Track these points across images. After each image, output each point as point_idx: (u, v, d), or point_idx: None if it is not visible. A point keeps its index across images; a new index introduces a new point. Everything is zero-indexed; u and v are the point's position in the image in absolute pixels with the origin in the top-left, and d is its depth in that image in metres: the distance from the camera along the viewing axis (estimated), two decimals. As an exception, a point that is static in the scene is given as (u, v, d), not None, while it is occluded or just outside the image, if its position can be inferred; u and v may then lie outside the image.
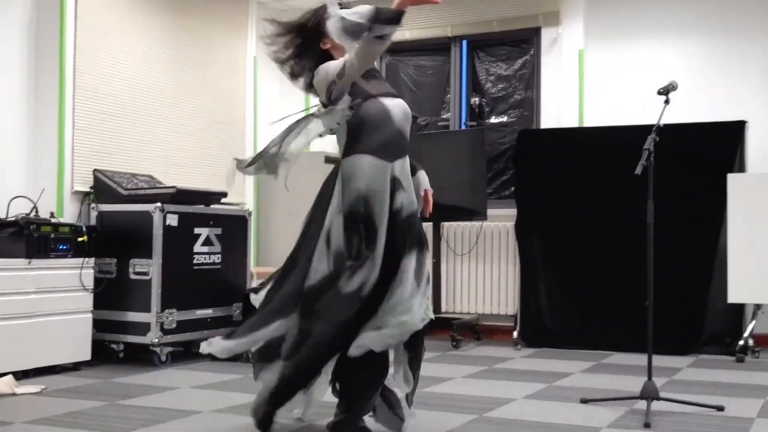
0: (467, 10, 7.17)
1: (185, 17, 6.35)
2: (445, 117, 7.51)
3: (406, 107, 3.30)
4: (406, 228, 3.13)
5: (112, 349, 5.26)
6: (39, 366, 4.67)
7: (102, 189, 5.44)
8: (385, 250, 3.06)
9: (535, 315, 6.45)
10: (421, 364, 3.30)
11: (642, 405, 3.79)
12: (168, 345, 5.30)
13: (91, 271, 5.06)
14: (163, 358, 5.23)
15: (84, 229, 5.02)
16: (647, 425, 3.53)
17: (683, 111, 6.17)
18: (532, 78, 7.16)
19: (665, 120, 4.15)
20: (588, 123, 6.83)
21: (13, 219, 4.71)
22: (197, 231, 5.49)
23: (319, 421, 3.52)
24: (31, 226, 4.64)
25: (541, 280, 6.44)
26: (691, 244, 5.95)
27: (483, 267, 6.97)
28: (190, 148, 6.37)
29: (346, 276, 3.01)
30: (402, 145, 3.23)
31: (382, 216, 3.07)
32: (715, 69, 6.51)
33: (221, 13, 6.71)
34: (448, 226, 7.02)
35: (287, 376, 3.12)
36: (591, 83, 6.90)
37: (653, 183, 4.01)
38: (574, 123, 6.81)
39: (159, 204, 5.20)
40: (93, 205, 5.40)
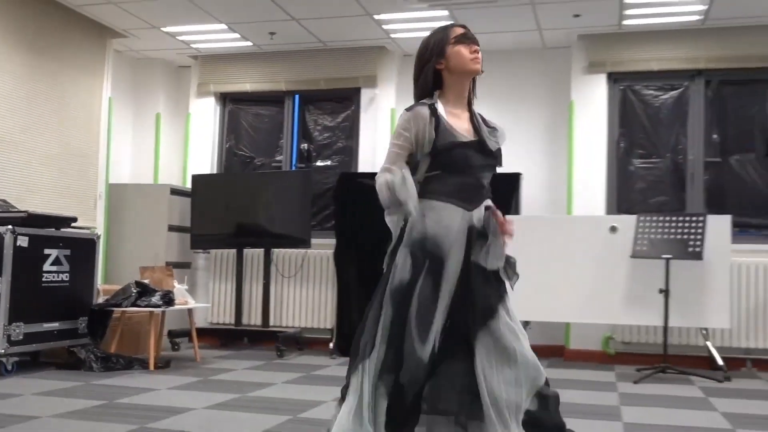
0: (300, 69, 7.23)
1: (45, 60, 6.04)
2: (278, 159, 7.50)
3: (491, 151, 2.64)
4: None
5: (-39, 359, 4.87)
6: None
7: (-44, 211, 5.06)
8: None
9: (348, 329, 6.50)
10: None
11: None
12: (14, 355, 4.95)
13: (-59, 286, 4.67)
14: (9, 368, 4.89)
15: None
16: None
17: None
18: (352, 129, 7.30)
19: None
20: (397, 169, 7.03)
21: None
22: (47, 252, 5.18)
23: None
24: None
25: (354, 299, 6.52)
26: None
27: (306, 287, 6.99)
28: (46, 176, 6.03)
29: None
30: (481, 193, 2.60)
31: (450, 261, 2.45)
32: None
33: (80, 58, 6.42)
34: (277, 252, 7.00)
35: None
36: (400, 136, 7.13)
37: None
38: (385, 168, 6.99)
39: (10, 226, 4.88)
40: (-54, 225, 5.00)
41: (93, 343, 5.43)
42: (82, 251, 5.53)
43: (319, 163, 7.45)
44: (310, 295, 6.98)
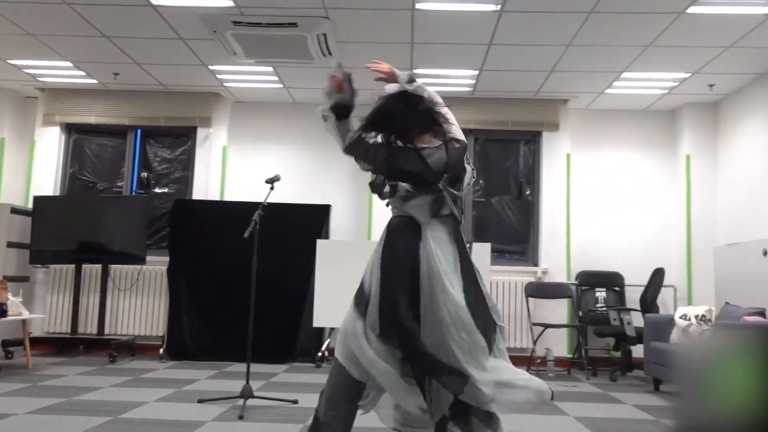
0: (142, 107, 6.80)
1: None
2: (119, 185, 6.98)
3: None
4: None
5: None
6: None
7: None
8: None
9: (178, 336, 6.16)
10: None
11: (242, 402, 3.76)
12: None
13: None
14: None
15: None
16: (241, 417, 3.50)
17: (290, 195, 6.45)
18: (188, 162, 6.96)
19: (279, 200, 4.29)
20: (228, 198, 6.81)
21: None
22: None
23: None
24: None
25: (184, 309, 6.19)
26: (291, 286, 6.11)
27: (141, 299, 6.52)
28: None
29: None
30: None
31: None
32: (312, 167, 6.89)
33: None
34: (115, 267, 6.48)
35: None
36: (231, 171, 6.92)
37: (262, 243, 4.08)
38: (216, 197, 6.74)
39: None
40: None
41: None
42: None
43: (157, 189, 7.03)
44: (144, 305, 6.51)
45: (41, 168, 6.81)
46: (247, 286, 5.94)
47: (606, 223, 6.72)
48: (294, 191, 6.61)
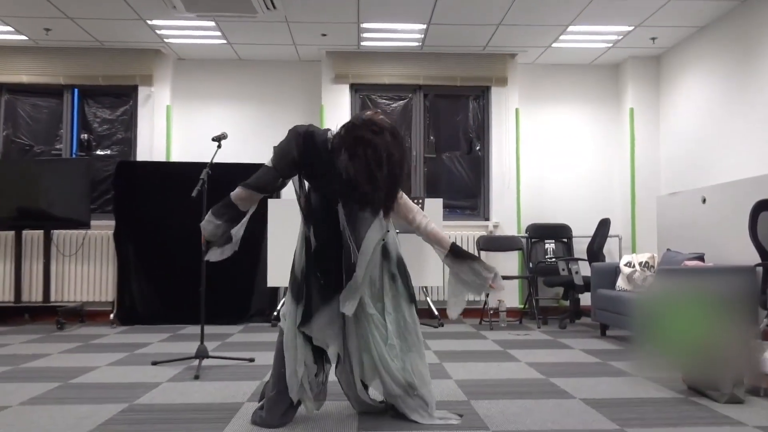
0: (77, 65, 6.47)
1: None
2: (58, 147, 6.67)
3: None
4: None
5: None
6: None
7: None
8: None
9: (128, 301, 6.02)
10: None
11: (197, 362, 3.71)
12: None
13: None
14: None
15: None
16: (197, 377, 3.46)
17: (239, 154, 6.30)
18: (131, 122, 6.70)
19: (226, 159, 4.17)
20: (174, 159, 6.60)
21: None
22: None
23: None
24: None
25: (133, 274, 6.04)
26: (243, 246, 5.92)
27: (87, 265, 6.31)
28: None
29: None
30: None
31: None
32: (261, 127, 6.74)
33: None
34: (57, 233, 6.24)
35: None
36: (176, 131, 6.70)
37: (211, 204, 3.94)
38: (162, 158, 6.53)
39: None
40: None
41: None
42: None
43: (99, 152, 6.75)
44: (91, 271, 6.32)
45: (-28, 131, 6.45)
46: (198, 248, 5.85)
47: (553, 176, 6.83)
48: (242, 150, 6.45)
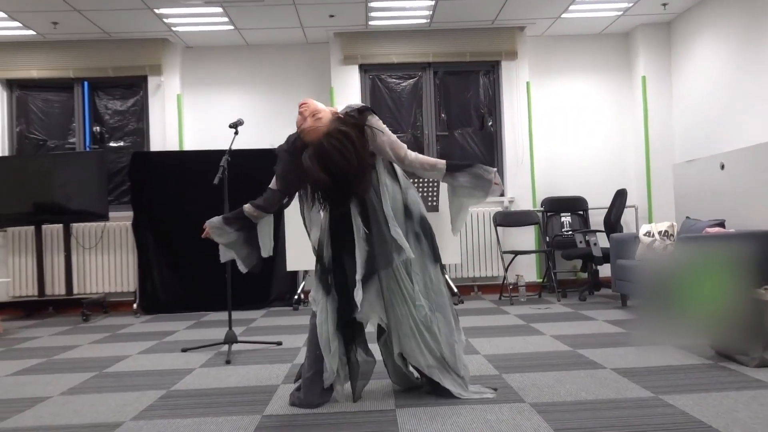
0: (87, 57, 6.48)
1: None
2: (71, 141, 6.71)
3: None
4: None
5: None
6: None
7: None
8: None
9: (151, 290, 6.09)
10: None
11: (226, 348, 3.76)
12: None
13: None
14: None
15: None
16: (228, 362, 3.51)
17: (251, 140, 6.30)
18: (142, 113, 6.72)
19: (240, 146, 4.18)
20: (187, 147, 6.62)
21: None
22: None
23: None
24: None
25: (154, 263, 6.10)
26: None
27: (108, 256, 6.38)
28: None
29: None
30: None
31: None
32: (273, 111, 6.74)
33: None
34: (76, 226, 6.30)
35: None
36: (188, 118, 6.71)
37: (231, 189, 3.99)
38: (175, 147, 6.55)
39: None
40: None
41: None
42: None
43: (112, 144, 6.78)
44: (112, 262, 6.38)
45: (-15, 128, 6.49)
46: (216, 236, 5.91)
47: (567, 149, 6.80)
48: (254, 136, 6.46)
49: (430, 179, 5.81)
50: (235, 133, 4.11)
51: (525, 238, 6.46)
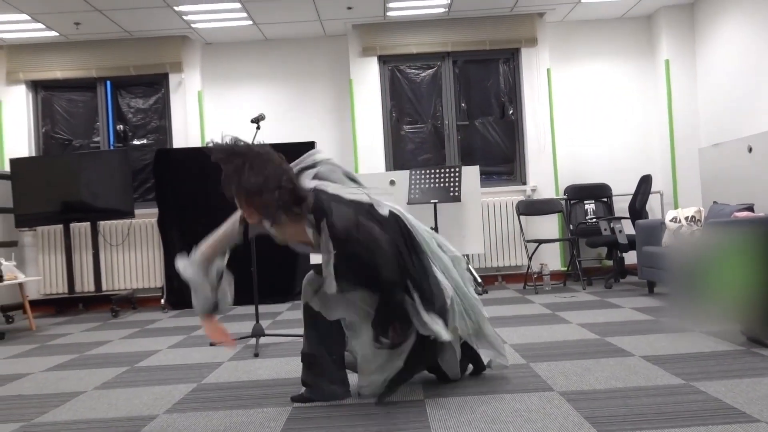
0: (108, 57, 6.56)
1: None
2: (96, 140, 6.81)
3: None
4: None
5: None
6: None
7: None
8: None
9: (177, 285, 6.13)
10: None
11: (254, 341, 3.80)
12: None
13: None
14: None
15: None
16: (256, 354, 3.54)
17: (274, 133, 6.34)
18: (164, 110, 6.79)
19: (261, 140, 4.19)
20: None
21: None
22: None
23: None
24: None
25: (180, 259, 6.16)
26: (284, 225, 6.09)
27: (134, 253, 6.48)
28: None
29: None
30: None
31: None
32: (293, 105, 6.77)
33: None
34: (103, 224, 6.40)
35: None
36: (209, 114, 6.76)
37: (253, 184, 4.01)
38: (197, 143, 6.61)
39: None
40: None
41: None
42: None
43: (135, 142, 6.87)
44: (139, 259, 6.48)
45: (12, 129, 6.60)
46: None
47: (590, 135, 6.73)
48: (275, 130, 6.49)
49: (453, 170, 5.80)
50: (257, 128, 4.12)
51: (548, 226, 6.42)
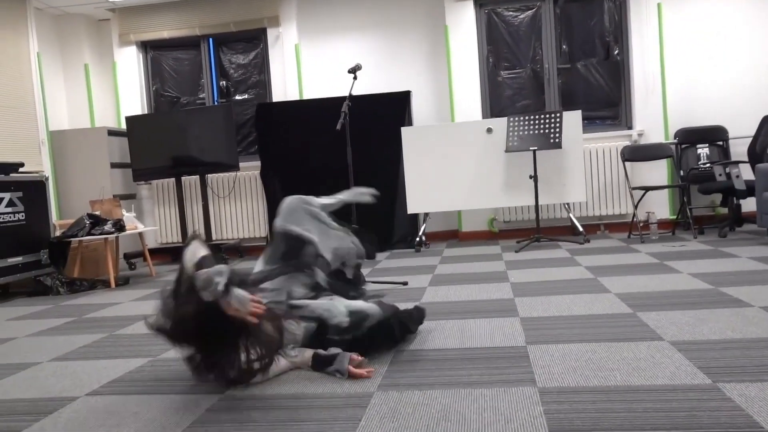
0: (210, 14, 6.76)
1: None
2: (201, 96, 7.09)
3: None
4: None
5: (-67, 299, 4.48)
6: None
7: None
8: None
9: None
10: None
11: (355, 286, 3.89)
12: (-16, 289, 4.62)
13: None
14: (-19, 301, 4.56)
15: None
16: (359, 299, 3.65)
17: (369, 84, 6.35)
18: (263, 65, 6.95)
19: (357, 91, 4.22)
20: (306, 96, 6.79)
21: None
22: (0, 195, 4.77)
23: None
24: None
25: (282, 210, 6.39)
26: (382, 175, 6.16)
27: (240, 204, 6.78)
28: (-12, 129, 5.48)
29: None
30: None
31: None
32: (388, 55, 6.72)
33: (0, 17, 5.75)
34: (211, 177, 6.72)
35: None
36: (306, 67, 6.84)
37: (351, 134, 4.06)
38: (296, 96, 6.73)
39: (-39, 176, 4.44)
40: None
41: (56, 271, 5.12)
42: (34, 192, 5.12)
43: (237, 97, 7.09)
44: (244, 209, 6.78)
45: (126, 88, 6.99)
46: (338, 180, 6.09)
47: (704, 74, 6.26)
48: (371, 81, 6.50)
49: (554, 116, 5.60)
50: (354, 78, 4.15)
51: (656, 173, 6.10)
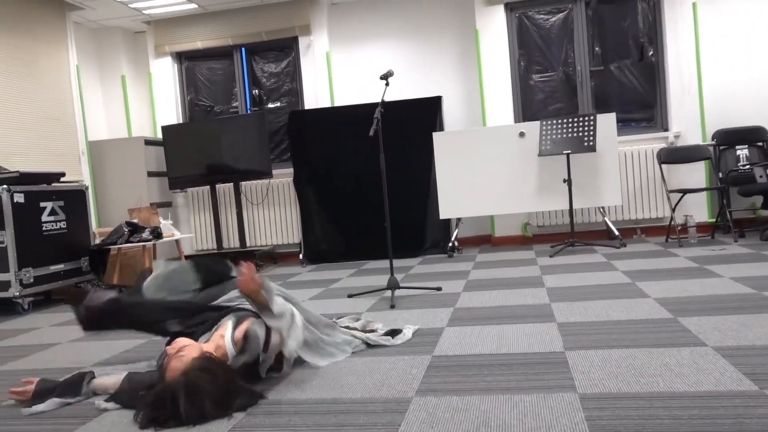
0: (242, 24, 6.85)
1: (9, 37, 5.54)
2: (234, 105, 7.19)
3: None
4: None
5: (-20, 305, 4.61)
6: None
7: (-46, 178, 4.69)
8: None
9: (313, 241, 6.44)
10: None
11: (389, 293, 3.90)
12: (28, 296, 4.74)
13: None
14: (25, 307, 4.68)
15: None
16: (393, 306, 3.64)
17: (400, 90, 6.36)
18: (295, 73, 7.01)
19: (388, 97, 4.23)
20: (337, 103, 6.83)
21: None
22: (42, 204, 4.90)
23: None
24: None
25: (315, 216, 6.43)
26: (414, 181, 6.15)
27: (274, 211, 6.84)
28: (29, 140, 5.62)
29: None
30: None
31: None
32: (418, 61, 6.73)
33: (43, 31, 5.91)
34: (245, 184, 6.80)
35: None
36: (337, 75, 6.89)
37: (383, 141, 4.07)
38: (327, 104, 6.78)
39: (5, 186, 4.57)
40: (-53, 192, 4.64)
41: (97, 278, 5.23)
42: (74, 201, 5.25)
43: (270, 105, 7.17)
44: (278, 216, 6.84)
45: (161, 98, 7.12)
46: (371, 186, 6.12)
47: (742, 74, 6.12)
48: (402, 87, 6.52)
49: (587, 119, 5.53)
50: (386, 84, 4.15)
51: (694, 175, 5.98)
